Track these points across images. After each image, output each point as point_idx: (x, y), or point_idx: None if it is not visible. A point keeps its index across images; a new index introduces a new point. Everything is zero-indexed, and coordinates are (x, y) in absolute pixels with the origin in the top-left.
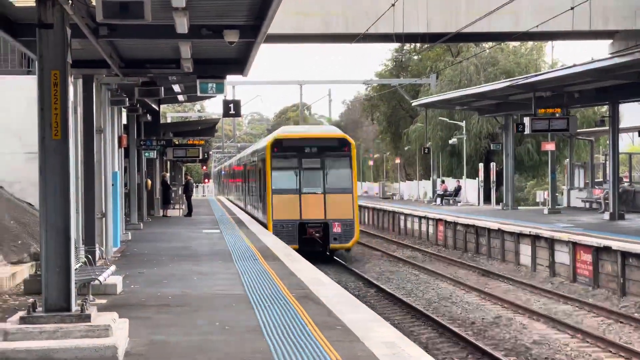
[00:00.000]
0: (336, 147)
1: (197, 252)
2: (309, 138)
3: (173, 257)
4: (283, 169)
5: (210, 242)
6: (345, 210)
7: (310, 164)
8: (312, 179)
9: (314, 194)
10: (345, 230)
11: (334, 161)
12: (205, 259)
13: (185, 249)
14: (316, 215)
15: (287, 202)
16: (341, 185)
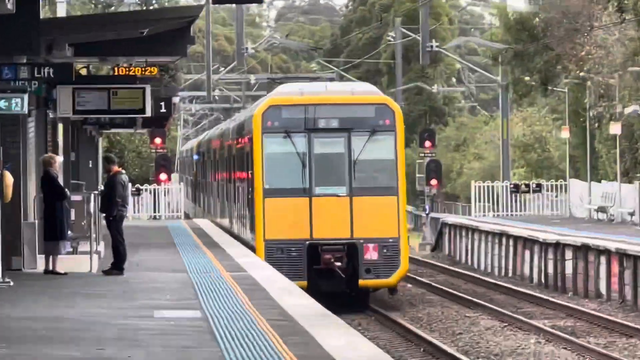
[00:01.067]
0: (372, 118)
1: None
2: (327, 104)
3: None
4: (282, 155)
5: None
6: (386, 223)
7: (327, 147)
8: (331, 172)
9: (333, 197)
10: (386, 256)
11: (369, 142)
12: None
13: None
14: (337, 233)
15: (288, 209)
16: (380, 182)
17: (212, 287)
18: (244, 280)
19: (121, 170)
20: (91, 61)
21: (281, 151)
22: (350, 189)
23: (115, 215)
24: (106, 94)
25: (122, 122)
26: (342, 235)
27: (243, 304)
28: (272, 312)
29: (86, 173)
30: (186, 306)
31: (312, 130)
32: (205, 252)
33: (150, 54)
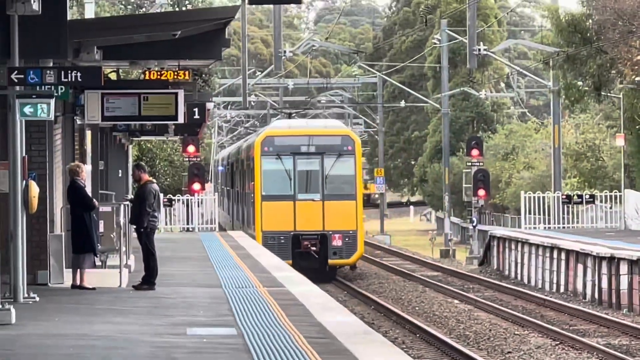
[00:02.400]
0: (338, 145)
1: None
2: (306, 134)
3: None
4: (275, 171)
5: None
6: (347, 220)
7: (306, 163)
8: (309, 183)
9: (310, 201)
10: (347, 243)
11: (333, 161)
12: None
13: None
14: (313, 226)
15: (279, 210)
16: (343, 190)
17: (247, 303)
18: (281, 295)
19: (152, 179)
20: (121, 65)
21: (274, 168)
22: (323, 195)
23: (147, 227)
24: (136, 100)
25: (153, 129)
26: (317, 228)
27: (280, 320)
28: (311, 329)
29: (115, 182)
30: (221, 323)
31: (296, 153)
32: (240, 265)
33: (182, 58)
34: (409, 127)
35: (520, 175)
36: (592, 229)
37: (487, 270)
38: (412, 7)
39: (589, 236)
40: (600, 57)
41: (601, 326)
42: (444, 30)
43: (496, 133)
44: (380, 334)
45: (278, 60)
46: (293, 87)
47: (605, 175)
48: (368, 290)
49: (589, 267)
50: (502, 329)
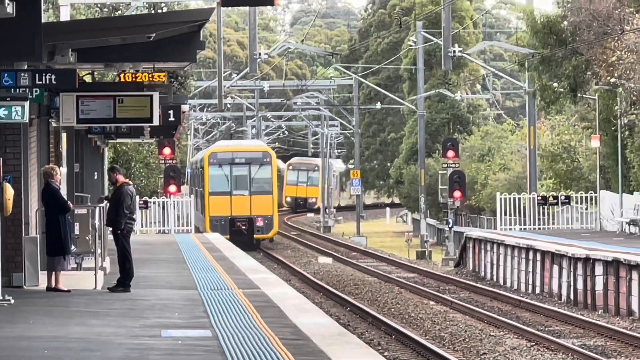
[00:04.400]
0: (260, 157)
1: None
2: (239, 150)
3: None
4: (218, 175)
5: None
6: (266, 208)
7: (239, 170)
8: (241, 183)
9: (241, 195)
10: (267, 223)
11: (258, 169)
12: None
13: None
14: (243, 212)
15: (220, 201)
16: (263, 188)
17: (222, 305)
18: (256, 297)
19: (128, 181)
20: (95, 67)
21: (217, 174)
22: (250, 192)
23: (123, 229)
24: (111, 102)
25: (129, 131)
26: (246, 214)
27: (255, 322)
28: (286, 331)
29: (91, 185)
30: (196, 325)
31: (232, 163)
32: (215, 267)
33: (157, 60)
34: (385, 129)
35: (496, 176)
36: (568, 230)
37: (462, 272)
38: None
39: (565, 237)
40: (576, 59)
41: (576, 327)
42: (420, 32)
43: (472, 134)
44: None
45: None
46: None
47: (581, 176)
48: (344, 291)
49: (565, 268)
50: (477, 330)
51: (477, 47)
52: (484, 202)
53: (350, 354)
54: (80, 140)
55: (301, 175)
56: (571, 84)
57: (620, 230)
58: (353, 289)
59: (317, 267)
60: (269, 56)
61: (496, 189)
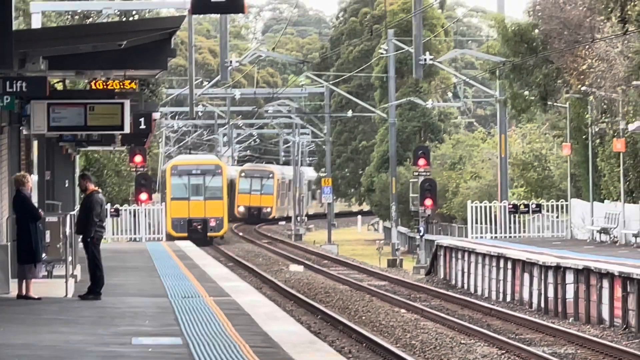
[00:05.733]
0: (212, 169)
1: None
2: (195, 163)
3: None
4: (178, 184)
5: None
6: (218, 211)
7: (195, 180)
8: (197, 190)
9: (198, 200)
10: (218, 224)
11: (211, 179)
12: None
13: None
14: (199, 214)
15: (180, 205)
16: (215, 194)
17: (193, 312)
18: (227, 305)
19: (98, 189)
20: (67, 75)
21: (178, 182)
22: (204, 197)
23: (93, 237)
24: (82, 110)
25: (100, 139)
26: (201, 216)
27: (226, 330)
28: (256, 338)
29: (62, 193)
30: (166, 332)
31: (190, 174)
32: (186, 275)
33: (128, 68)
34: (356, 137)
35: (467, 184)
36: (539, 238)
37: (434, 280)
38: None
39: (536, 245)
40: (547, 67)
41: (547, 335)
42: (391, 40)
43: (443, 143)
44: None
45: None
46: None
47: (552, 184)
48: (315, 299)
49: (535, 276)
50: (448, 338)
51: (448, 55)
52: (455, 210)
53: None
54: (51, 148)
55: (254, 183)
56: (542, 92)
57: (591, 239)
58: (324, 297)
59: (289, 275)
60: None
61: (467, 197)
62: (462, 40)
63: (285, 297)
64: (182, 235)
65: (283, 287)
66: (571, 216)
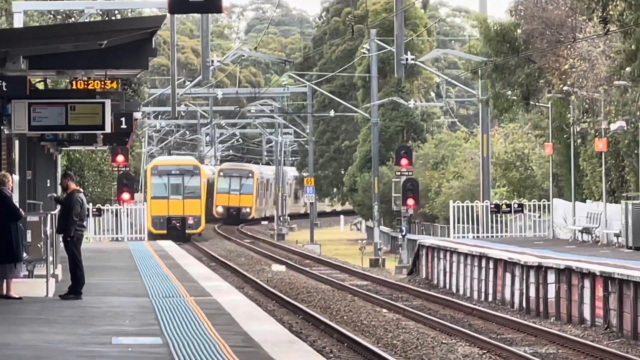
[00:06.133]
0: (191, 169)
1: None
2: (174, 164)
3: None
4: (158, 183)
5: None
6: (196, 209)
7: (174, 180)
8: (176, 189)
9: (176, 199)
10: (196, 222)
11: (189, 179)
12: None
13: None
14: (178, 213)
15: (160, 204)
16: (193, 193)
17: (174, 312)
18: (207, 305)
19: (78, 188)
20: (47, 75)
21: (158, 182)
22: (183, 196)
23: (73, 236)
24: (63, 109)
25: (82, 138)
26: (180, 214)
27: (206, 329)
28: (236, 338)
29: (43, 192)
30: (146, 332)
31: (169, 174)
32: (168, 274)
33: (109, 67)
34: (339, 137)
35: (449, 184)
36: (521, 238)
37: (416, 280)
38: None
39: (518, 245)
40: (529, 67)
41: (528, 335)
42: (373, 40)
43: (426, 142)
44: (308, 343)
45: (206, 69)
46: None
47: (534, 184)
48: (297, 299)
49: (517, 276)
50: (429, 338)
51: (430, 54)
52: (438, 210)
53: None
54: (33, 148)
55: (233, 183)
56: (524, 92)
57: (572, 238)
58: (306, 297)
59: (271, 275)
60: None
61: (450, 197)
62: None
63: (267, 297)
64: (162, 232)
65: (265, 286)
66: (553, 216)
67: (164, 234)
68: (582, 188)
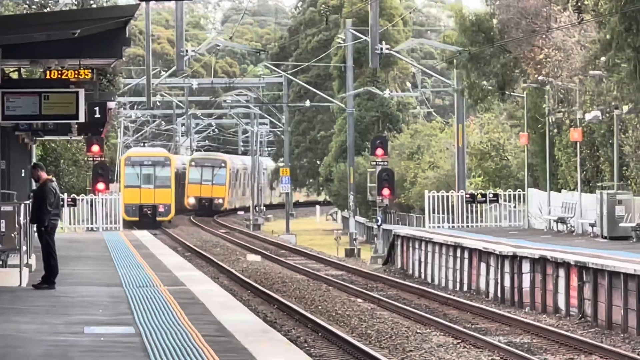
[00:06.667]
0: (162, 160)
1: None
2: (147, 155)
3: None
4: (131, 173)
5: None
6: (166, 198)
7: (146, 170)
8: (147, 179)
9: (148, 188)
10: (166, 209)
11: (160, 169)
12: None
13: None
14: (149, 201)
15: (133, 192)
16: (164, 183)
17: (147, 302)
18: (181, 294)
19: (51, 177)
20: (21, 64)
21: (131, 172)
22: (155, 185)
23: (47, 226)
24: (37, 99)
25: (56, 128)
26: (151, 202)
27: (179, 319)
28: (209, 327)
29: (18, 182)
30: (119, 321)
31: (141, 164)
32: (142, 264)
33: (83, 56)
34: (315, 127)
35: (425, 174)
36: (496, 227)
37: (391, 269)
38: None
39: (493, 235)
40: (504, 57)
41: (503, 324)
42: (348, 30)
43: (401, 132)
44: (282, 332)
45: (180, 59)
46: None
47: (510, 174)
48: (272, 289)
49: (492, 266)
50: (404, 328)
51: (405, 44)
52: (414, 200)
53: (273, 350)
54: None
55: (205, 173)
56: (499, 82)
57: (548, 228)
58: (281, 287)
59: (246, 265)
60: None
61: (425, 187)
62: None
63: (242, 287)
64: (134, 219)
65: (240, 276)
66: (528, 206)
67: (136, 221)
68: (557, 178)
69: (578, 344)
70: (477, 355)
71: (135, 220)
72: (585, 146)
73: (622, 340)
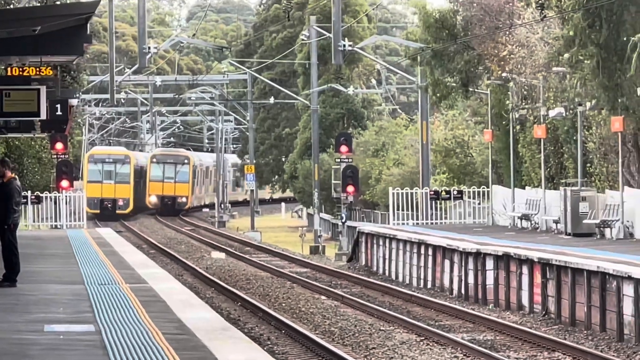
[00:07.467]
0: (122, 158)
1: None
2: (108, 153)
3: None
4: (94, 170)
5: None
6: (125, 192)
7: (107, 167)
8: (108, 175)
9: (109, 184)
10: (125, 203)
11: (120, 166)
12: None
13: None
14: (110, 195)
15: (95, 187)
16: (124, 179)
17: (108, 299)
18: (143, 292)
19: (14, 176)
20: None
21: (94, 169)
22: (115, 181)
23: (10, 224)
24: None
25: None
26: (111, 196)
27: (140, 317)
28: (170, 326)
29: None
30: (80, 319)
31: (104, 162)
32: (105, 262)
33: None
34: (279, 124)
35: (390, 171)
36: (461, 224)
37: (355, 267)
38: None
39: (457, 232)
40: (468, 53)
41: (467, 321)
42: (312, 27)
43: (366, 129)
44: (246, 330)
45: (143, 56)
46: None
47: (474, 171)
48: (235, 286)
49: (456, 263)
50: (367, 325)
51: (368, 41)
52: (378, 197)
53: (233, 348)
54: None
55: (167, 170)
56: (463, 79)
57: (512, 225)
58: (245, 284)
59: (210, 262)
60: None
61: (390, 184)
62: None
63: (206, 284)
64: (95, 211)
65: (204, 274)
66: (492, 202)
67: (97, 213)
68: (521, 174)
69: (541, 341)
70: (440, 352)
71: (96, 213)
72: (549, 143)
73: (585, 337)
